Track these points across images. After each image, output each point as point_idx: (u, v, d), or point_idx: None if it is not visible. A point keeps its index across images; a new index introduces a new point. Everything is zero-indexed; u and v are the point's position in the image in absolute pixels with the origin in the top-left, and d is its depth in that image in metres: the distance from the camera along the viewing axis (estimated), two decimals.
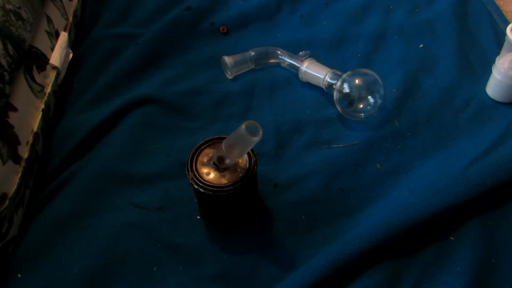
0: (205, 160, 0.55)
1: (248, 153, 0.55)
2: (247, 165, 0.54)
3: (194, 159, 0.55)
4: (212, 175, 0.53)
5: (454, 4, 0.93)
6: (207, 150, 0.56)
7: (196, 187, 0.53)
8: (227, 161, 0.53)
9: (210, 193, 0.52)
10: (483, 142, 0.68)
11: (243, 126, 0.46)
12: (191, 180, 0.53)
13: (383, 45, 0.87)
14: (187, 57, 0.86)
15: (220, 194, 0.52)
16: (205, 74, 0.83)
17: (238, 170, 0.54)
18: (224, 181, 0.53)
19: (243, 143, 0.49)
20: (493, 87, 0.75)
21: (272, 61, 0.83)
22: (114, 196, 0.65)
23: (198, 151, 0.55)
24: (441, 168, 0.66)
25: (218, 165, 0.53)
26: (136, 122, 0.73)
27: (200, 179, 0.53)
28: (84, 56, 0.85)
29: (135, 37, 0.88)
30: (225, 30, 0.91)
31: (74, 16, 0.89)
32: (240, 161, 0.55)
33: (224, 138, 0.52)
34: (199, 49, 0.88)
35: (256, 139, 0.47)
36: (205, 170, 0.54)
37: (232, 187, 0.52)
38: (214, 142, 0.56)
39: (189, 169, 0.54)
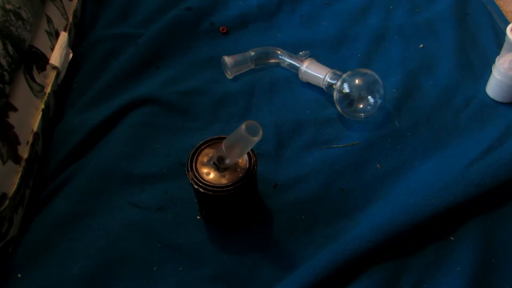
0: (205, 160, 0.55)
1: (248, 153, 0.55)
2: (247, 165, 0.54)
3: (194, 159, 0.55)
4: (212, 175, 0.53)
5: (454, 4, 0.93)
6: (207, 150, 0.56)
7: (196, 187, 0.53)
8: (227, 161, 0.53)
9: (210, 193, 0.52)
10: (483, 142, 0.68)
11: (243, 126, 0.46)
12: (191, 180, 0.53)
13: (383, 45, 0.87)
14: (187, 57, 0.86)
15: (220, 194, 0.52)
16: (205, 74, 0.83)
17: (238, 170, 0.54)
18: (224, 181, 0.53)
19: (243, 143, 0.49)
20: (493, 87, 0.75)
21: (272, 61, 0.83)
22: (114, 196, 0.65)
23: (198, 151, 0.55)
24: (441, 168, 0.66)
25: (218, 165, 0.53)
26: (136, 122, 0.73)
27: (200, 179, 0.53)
28: (84, 56, 0.85)
29: (135, 37, 0.88)
30: (225, 30, 0.91)
31: (74, 16, 0.89)
32: (240, 161, 0.55)
33: (224, 138, 0.52)
34: (199, 49, 0.88)
35: (256, 139, 0.47)
36: (205, 170, 0.54)
37: (232, 187, 0.52)
38: (214, 142, 0.56)
39: (189, 169, 0.54)
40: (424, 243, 0.58)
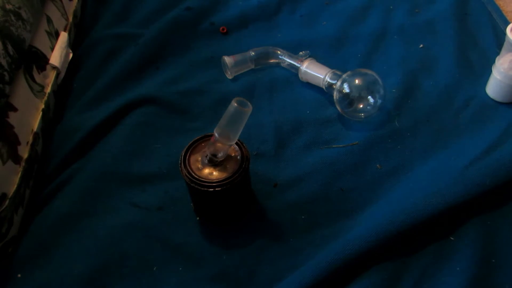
0: (199, 157, 0.55)
1: (240, 148, 0.56)
2: (240, 160, 0.55)
3: (188, 155, 0.55)
4: (205, 171, 0.54)
5: (454, 4, 0.93)
6: (200, 147, 0.56)
7: (190, 183, 0.53)
8: (220, 154, 0.53)
9: (204, 189, 0.52)
10: (483, 142, 0.68)
11: (234, 103, 0.49)
12: (184, 176, 0.54)
13: (383, 45, 0.87)
14: (187, 57, 0.86)
15: (215, 189, 0.53)
16: (205, 74, 0.83)
17: (232, 162, 0.55)
18: (218, 176, 0.53)
19: (237, 118, 0.51)
20: (493, 87, 0.75)
21: (272, 61, 0.83)
22: (114, 196, 0.65)
23: (191, 147, 0.56)
24: (441, 168, 0.66)
25: (212, 159, 0.54)
26: (136, 122, 0.73)
27: (194, 175, 0.53)
28: (84, 56, 0.85)
29: (135, 37, 0.88)
30: (225, 30, 0.91)
31: (74, 16, 0.89)
32: (232, 155, 0.56)
33: None
34: (199, 49, 0.88)
35: (248, 110, 0.50)
36: (198, 166, 0.54)
37: (226, 181, 0.53)
38: (207, 139, 0.57)
39: (183, 165, 0.54)
40: (424, 243, 0.58)
